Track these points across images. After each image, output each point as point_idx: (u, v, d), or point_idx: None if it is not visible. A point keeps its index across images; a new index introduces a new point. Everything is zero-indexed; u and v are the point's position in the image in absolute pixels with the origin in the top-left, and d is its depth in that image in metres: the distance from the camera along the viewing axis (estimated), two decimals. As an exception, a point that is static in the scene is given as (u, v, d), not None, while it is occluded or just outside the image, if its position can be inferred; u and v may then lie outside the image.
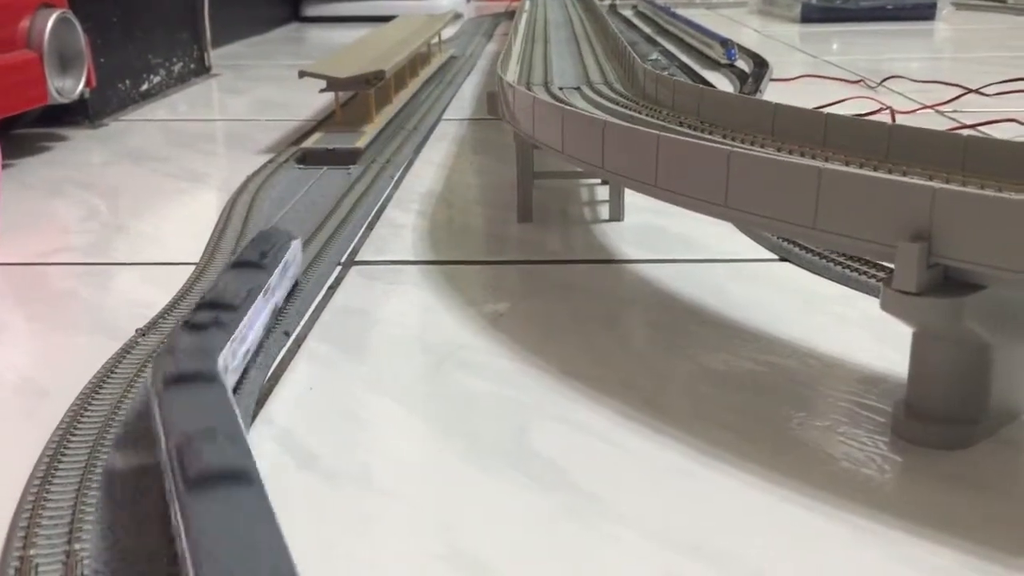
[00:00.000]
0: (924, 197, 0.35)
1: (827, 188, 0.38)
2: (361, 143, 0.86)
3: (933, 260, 0.35)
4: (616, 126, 0.48)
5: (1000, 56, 1.53)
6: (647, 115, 0.58)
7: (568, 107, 0.52)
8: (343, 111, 0.98)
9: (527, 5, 1.62)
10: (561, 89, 0.71)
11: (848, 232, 0.38)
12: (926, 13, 2.08)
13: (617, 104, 0.63)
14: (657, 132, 0.45)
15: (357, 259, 0.62)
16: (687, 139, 0.44)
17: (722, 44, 1.43)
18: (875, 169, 0.44)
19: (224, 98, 1.27)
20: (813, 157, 0.47)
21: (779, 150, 0.48)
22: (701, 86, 0.58)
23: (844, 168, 0.37)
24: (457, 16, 2.37)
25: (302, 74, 0.91)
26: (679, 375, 0.45)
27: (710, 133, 0.52)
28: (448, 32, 2.03)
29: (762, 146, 0.49)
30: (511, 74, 0.77)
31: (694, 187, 0.43)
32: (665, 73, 1.07)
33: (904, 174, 0.43)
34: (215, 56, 1.64)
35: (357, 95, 1.02)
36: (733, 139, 0.51)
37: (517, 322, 0.51)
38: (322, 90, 0.91)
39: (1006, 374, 0.39)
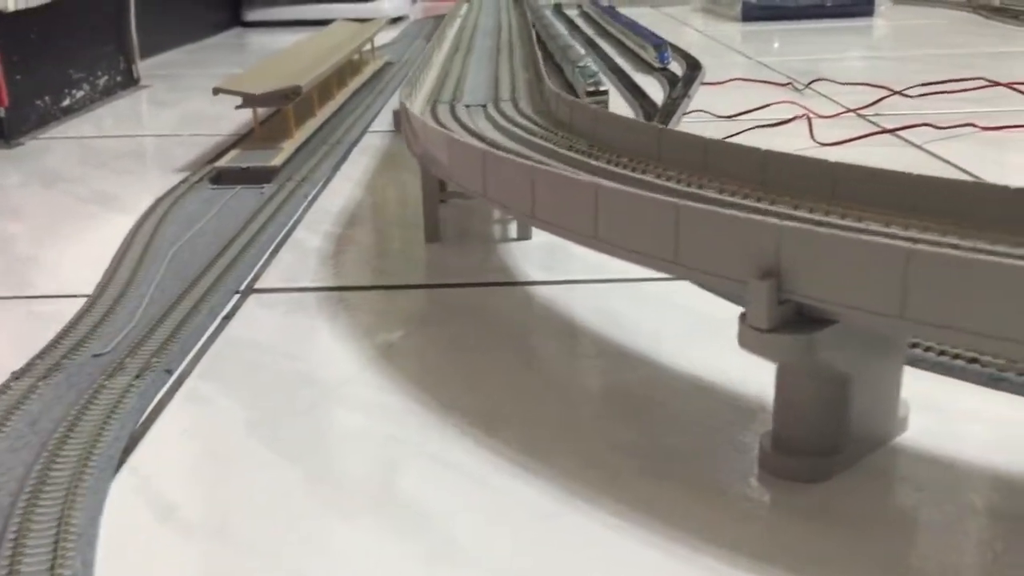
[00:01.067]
0: (771, 235, 0.35)
1: (685, 224, 0.38)
2: (277, 161, 0.85)
3: (783, 296, 0.36)
4: (477, 150, 0.48)
5: (931, 54, 1.54)
6: (541, 139, 0.58)
7: (449, 133, 0.52)
8: (263, 127, 0.97)
9: (463, 10, 1.61)
10: (468, 107, 0.71)
11: (706, 268, 0.38)
12: (865, 9, 2.10)
13: (514, 125, 0.62)
14: (532, 163, 0.45)
15: (257, 286, 0.61)
16: (559, 171, 0.43)
17: (655, 47, 1.43)
18: (745, 198, 0.44)
19: (150, 112, 1.25)
20: (688, 184, 0.47)
21: (659, 176, 0.48)
22: (597, 108, 0.58)
23: (699, 205, 0.37)
24: (399, 19, 2.36)
25: (216, 91, 0.90)
26: (562, 408, 0.45)
27: (596, 158, 0.52)
28: (389, 35, 2.02)
29: (643, 172, 0.49)
30: (416, 96, 0.76)
31: (565, 217, 0.43)
32: (591, 80, 1.07)
33: (772, 203, 0.43)
34: (148, 66, 1.63)
35: (279, 109, 1.01)
36: (619, 164, 0.51)
37: (408, 352, 0.51)
38: (238, 107, 0.90)
39: (868, 403, 0.39)
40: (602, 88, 1.05)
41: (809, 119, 0.94)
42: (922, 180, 0.42)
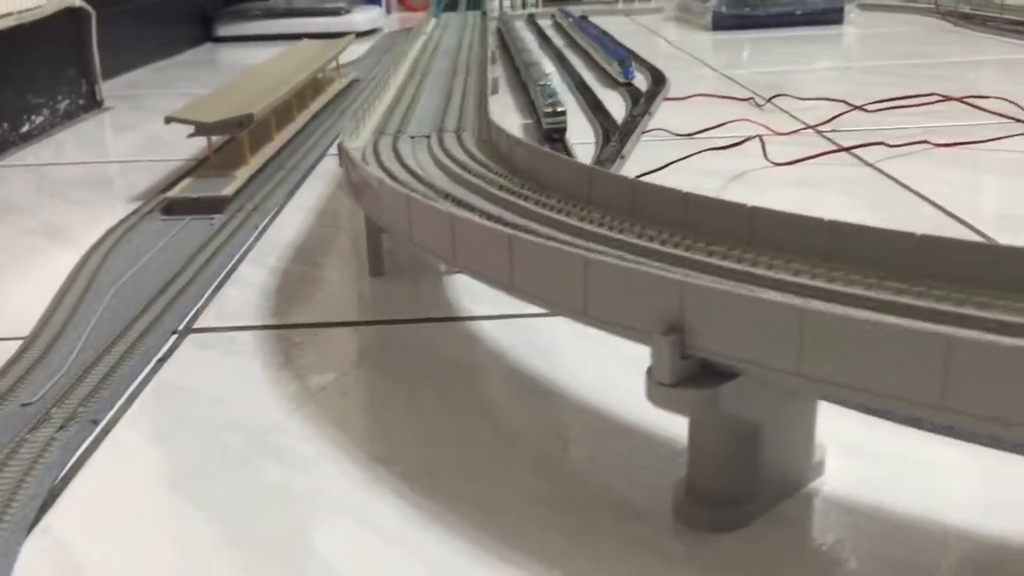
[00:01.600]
0: (674, 292, 0.35)
1: (593, 277, 0.38)
2: (228, 190, 0.85)
3: (687, 351, 0.36)
4: (401, 195, 0.48)
5: (897, 64, 1.55)
6: (477, 176, 0.58)
7: (378, 175, 0.52)
8: (219, 154, 0.96)
9: (429, 26, 1.61)
10: (412, 138, 0.71)
11: (613, 321, 0.38)
12: (834, 17, 2.11)
13: (452, 160, 0.62)
14: (452, 211, 0.45)
15: (196, 326, 0.61)
16: (474, 218, 0.43)
17: (620, 63, 1.43)
18: (664, 243, 0.44)
19: (111, 136, 1.25)
20: (611, 228, 0.47)
21: (584, 219, 0.48)
22: (532, 146, 0.57)
23: (606, 259, 0.37)
24: (372, 31, 2.36)
25: (168, 120, 0.89)
26: (488, 456, 0.45)
27: (527, 199, 0.52)
28: (361, 48, 2.02)
29: (568, 214, 0.49)
30: (363, 128, 0.76)
31: (483, 265, 0.43)
32: (549, 101, 1.07)
33: (687, 248, 0.43)
34: (115, 85, 1.62)
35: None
36: (549, 206, 0.51)
37: (339, 396, 0.51)
38: (190, 135, 0.90)
39: (781, 450, 0.39)
40: (560, 109, 1.06)
41: (762, 139, 0.94)
42: (837, 226, 0.42)
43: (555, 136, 1.05)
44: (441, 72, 1.04)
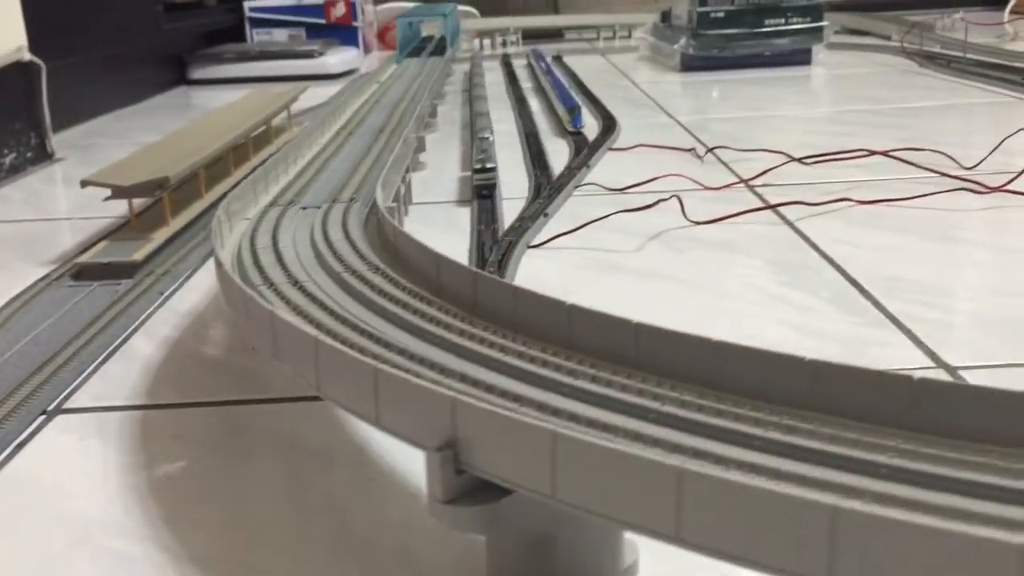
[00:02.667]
0: (446, 407, 0.35)
1: (382, 387, 0.38)
2: (139, 255, 0.85)
3: (462, 467, 0.35)
4: (247, 301, 0.48)
5: (853, 109, 1.55)
6: (337, 259, 0.58)
7: (232, 279, 0.52)
8: (141, 217, 0.97)
9: (385, 74, 1.62)
10: (304, 209, 0.71)
11: (400, 433, 0.37)
12: (802, 58, 2.11)
13: (326, 240, 0.62)
14: (272, 311, 0.44)
15: (67, 406, 0.61)
16: (288, 318, 0.43)
17: (569, 111, 1.44)
18: (491, 346, 0.44)
19: (53, 191, 1.25)
20: (448, 328, 0.46)
21: (447, 328, 0.47)
22: (424, 245, 0.56)
23: (393, 370, 0.37)
24: (347, 73, 2.37)
25: (84, 183, 0.90)
26: (317, 561, 0.44)
27: (377, 290, 0.52)
28: (327, 93, 2.03)
29: (417, 314, 0.49)
30: (263, 195, 0.76)
31: (295, 362, 0.43)
32: (479, 157, 1.08)
33: (544, 365, 0.42)
34: (74, 135, 1.64)
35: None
36: (394, 301, 0.51)
37: (181, 486, 0.50)
38: (106, 199, 0.90)
39: (580, 561, 0.38)
40: (489, 165, 1.06)
41: (679, 198, 0.94)
42: (644, 329, 0.41)
43: (484, 192, 1.05)
44: (369, 128, 1.05)
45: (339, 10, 2.59)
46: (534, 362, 0.42)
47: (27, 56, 1.31)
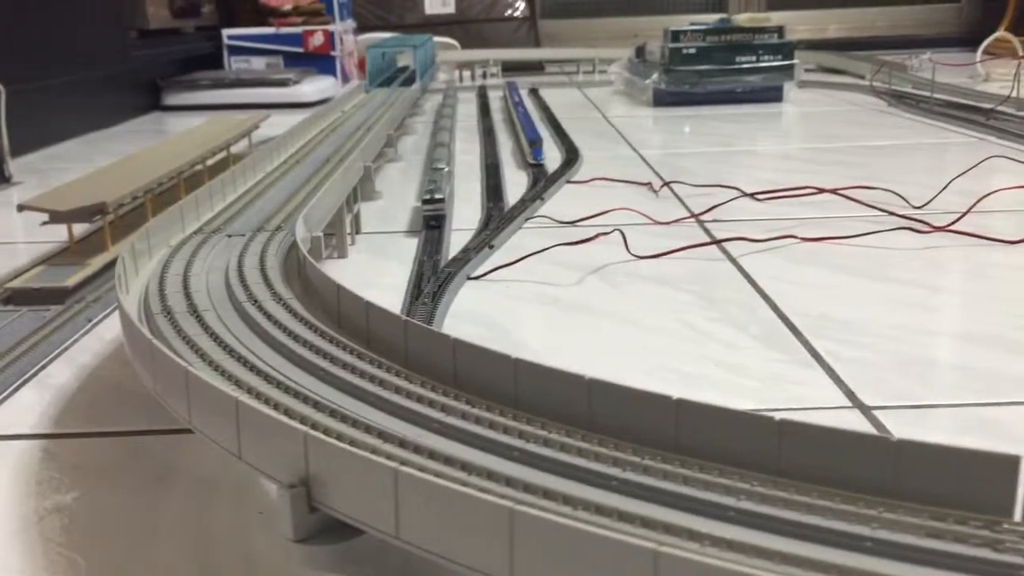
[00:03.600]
0: (298, 442, 0.34)
1: (243, 420, 0.37)
2: (72, 281, 0.84)
3: (316, 506, 0.34)
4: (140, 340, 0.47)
5: (813, 149, 1.56)
6: (244, 286, 0.57)
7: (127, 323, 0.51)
8: (82, 242, 0.96)
9: (350, 104, 1.62)
10: (229, 237, 0.70)
11: (262, 467, 0.37)
12: (773, 95, 2.13)
13: (238, 273, 0.61)
14: (152, 341, 0.44)
15: (-29, 433, 0.60)
16: (163, 350, 0.42)
17: (531, 143, 1.44)
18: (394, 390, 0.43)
19: (6, 215, 1.24)
20: (369, 379, 0.45)
21: (333, 361, 0.47)
22: (325, 275, 0.55)
23: (253, 403, 0.36)
24: (321, 102, 2.37)
25: (21, 208, 0.89)
26: (182, 588, 0.43)
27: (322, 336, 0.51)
28: (292, 121, 2.03)
29: (315, 353, 0.48)
30: (195, 219, 0.75)
31: (164, 393, 0.42)
32: (428, 189, 1.07)
33: (418, 400, 0.41)
34: (37, 158, 1.63)
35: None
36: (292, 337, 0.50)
37: (68, 519, 0.49)
38: (43, 223, 0.89)
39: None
40: (437, 196, 1.05)
41: (623, 232, 0.94)
42: (541, 373, 0.41)
43: (432, 223, 1.05)
44: (318, 158, 1.04)
45: (317, 39, 2.60)
46: (411, 397, 0.42)
47: (-14, 79, 1.31)
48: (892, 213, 1.03)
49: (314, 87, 2.37)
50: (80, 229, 1.08)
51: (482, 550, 0.29)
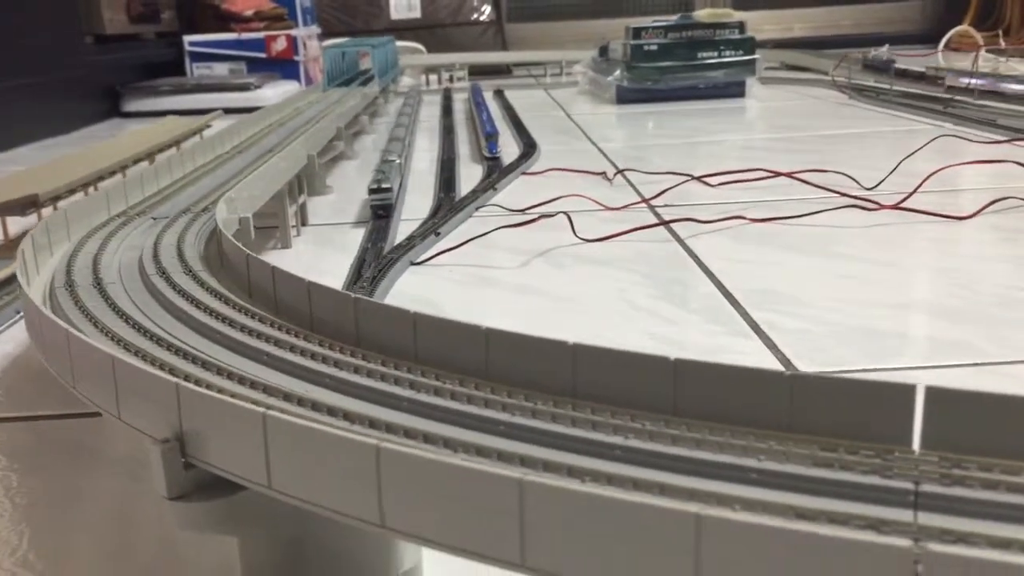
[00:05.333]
0: (170, 392, 0.32)
1: (120, 377, 0.35)
2: (3, 274, 0.82)
3: (191, 462, 0.33)
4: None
5: (771, 139, 1.56)
6: (155, 263, 0.55)
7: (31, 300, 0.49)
8: (16, 240, 0.94)
9: (305, 100, 1.60)
10: (154, 219, 0.68)
11: (138, 427, 0.35)
12: (736, 91, 2.13)
13: (154, 252, 0.59)
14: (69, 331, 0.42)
15: None
16: (48, 314, 0.41)
17: (487, 137, 1.43)
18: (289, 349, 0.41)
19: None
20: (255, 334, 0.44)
21: (230, 324, 0.45)
22: (233, 241, 0.54)
23: (127, 357, 0.34)
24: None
25: (-49, 201, 0.87)
26: (78, 567, 0.41)
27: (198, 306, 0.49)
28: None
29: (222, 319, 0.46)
30: (120, 199, 0.74)
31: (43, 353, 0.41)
32: (376, 178, 1.06)
33: (292, 350, 0.40)
34: (-12, 162, 1.60)
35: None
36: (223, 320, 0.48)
37: (-31, 500, 0.47)
38: (-27, 216, 0.87)
39: (333, 562, 0.36)
40: (384, 186, 1.04)
41: (568, 216, 0.93)
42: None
43: (380, 212, 1.03)
44: (261, 148, 1.02)
45: (280, 44, 2.58)
46: (293, 350, 0.40)
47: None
48: (842, 194, 1.02)
49: (276, 91, 2.35)
50: (21, 225, 1.06)
51: (352, 493, 0.28)
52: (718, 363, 0.32)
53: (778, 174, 1.12)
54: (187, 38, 2.55)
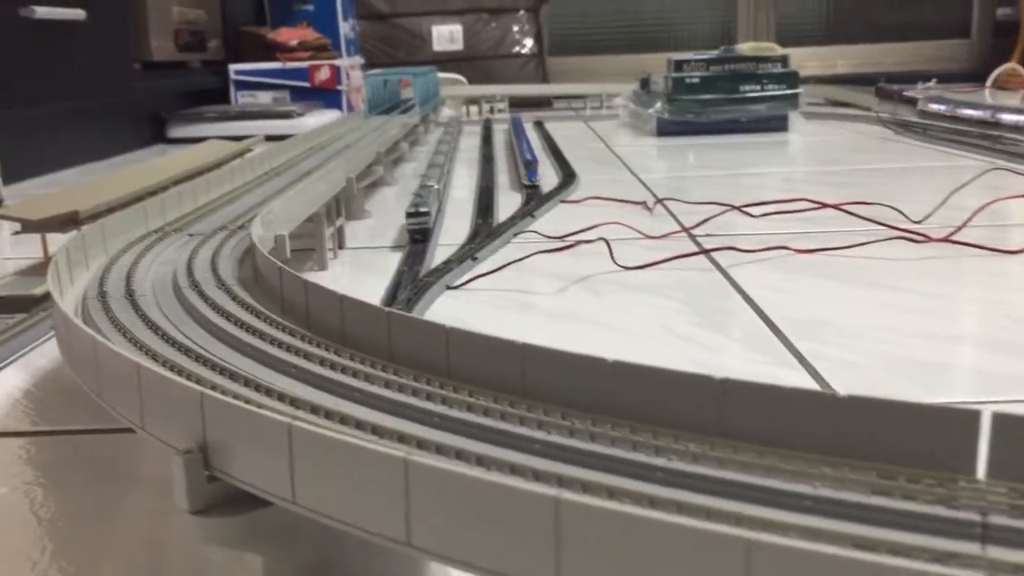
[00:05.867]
0: (194, 402, 0.31)
1: (144, 386, 0.34)
2: (39, 290, 0.82)
3: (215, 475, 0.32)
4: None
5: (815, 172, 1.53)
6: (190, 276, 0.55)
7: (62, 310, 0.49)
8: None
9: (346, 127, 1.61)
10: (191, 236, 0.68)
11: (162, 438, 0.34)
12: (778, 125, 2.11)
13: (189, 269, 0.58)
14: (95, 337, 0.41)
15: (-91, 431, 0.57)
16: (75, 322, 0.40)
17: (526, 165, 1.42)
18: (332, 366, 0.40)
19: (-9, 233, 1.23)
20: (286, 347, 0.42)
21: (262, 338, 0.44)
22: (269, 258, 0.53)
23: (153, 366, 0.33)
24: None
25: (-7, 217, 0.87)
26: (97, 581, 0.40)
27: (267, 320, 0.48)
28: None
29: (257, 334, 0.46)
30: (158, 215, 0.73)
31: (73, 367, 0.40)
32: (414, 203, 1.05)
33: (325, 365, 0.39)
34: (34, 184, 1.63)
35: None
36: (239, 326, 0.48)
37: (-7, 512, 0.47)
38: (15, 232, 0.88)
39: (364, 588, 0.34)
40: (422, 210, 1.03)
41: (607, 242, 0.91)
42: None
43: (417, 237, 1.02)
44: (299, 171, 1.02)
45: (323, 74, 2.61)
46: (323, 364, 0.39)
47: (-21, 101, 1.30)
48: (889, 226, 1.00)
49: (319, 120, 2.37)
50: (61, 244, 1.06)
51: (378, 509, 0.26)
52: (767, 383, 0.30)
53: (823, 205, 1.09)
54: (232, 66, 2.58)
